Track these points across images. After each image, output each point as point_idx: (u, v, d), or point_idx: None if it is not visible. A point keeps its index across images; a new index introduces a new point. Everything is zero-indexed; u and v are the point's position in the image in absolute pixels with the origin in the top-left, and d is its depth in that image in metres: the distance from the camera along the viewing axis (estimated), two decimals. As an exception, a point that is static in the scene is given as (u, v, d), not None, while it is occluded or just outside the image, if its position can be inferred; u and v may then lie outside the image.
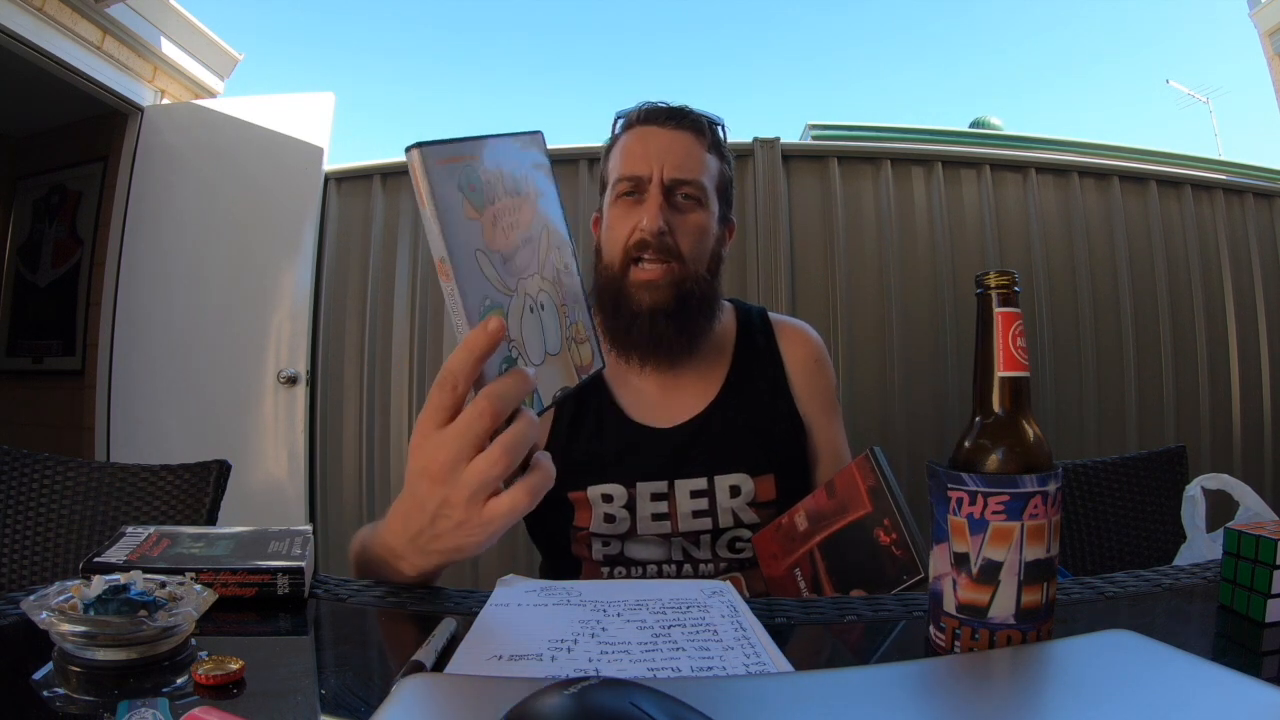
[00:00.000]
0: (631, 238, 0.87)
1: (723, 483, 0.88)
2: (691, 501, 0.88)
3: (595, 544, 0.89)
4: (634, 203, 0.88)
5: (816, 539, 0.77)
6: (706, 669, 0.45)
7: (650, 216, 0.86)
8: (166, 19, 2.75)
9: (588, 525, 0.88)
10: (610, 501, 0.88)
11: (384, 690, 0.39)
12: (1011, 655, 0.45)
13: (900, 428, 2.31)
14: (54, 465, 1.11)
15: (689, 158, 0.89)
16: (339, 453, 2.45)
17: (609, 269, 0.90)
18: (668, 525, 0.88)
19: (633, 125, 0.92)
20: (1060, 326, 2.45)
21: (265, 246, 2.50)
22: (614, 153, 0.93)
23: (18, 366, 3.00)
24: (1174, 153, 2.71)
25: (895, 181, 2.46)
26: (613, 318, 0.89)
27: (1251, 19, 3.25)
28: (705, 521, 0.88)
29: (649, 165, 0.87)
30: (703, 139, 0.91)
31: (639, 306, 0.87)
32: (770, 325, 1.00)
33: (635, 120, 0.92)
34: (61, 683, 0.45)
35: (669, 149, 0.88)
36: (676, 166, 0.88)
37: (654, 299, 0.87)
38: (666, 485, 0.88)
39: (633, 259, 0.88)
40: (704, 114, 0.93)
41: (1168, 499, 1.24)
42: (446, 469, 0.48)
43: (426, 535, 0.54)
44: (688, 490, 0.88)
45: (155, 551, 0.65)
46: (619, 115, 0.95)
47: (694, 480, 0.88)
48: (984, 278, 0.49)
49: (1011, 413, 0.48)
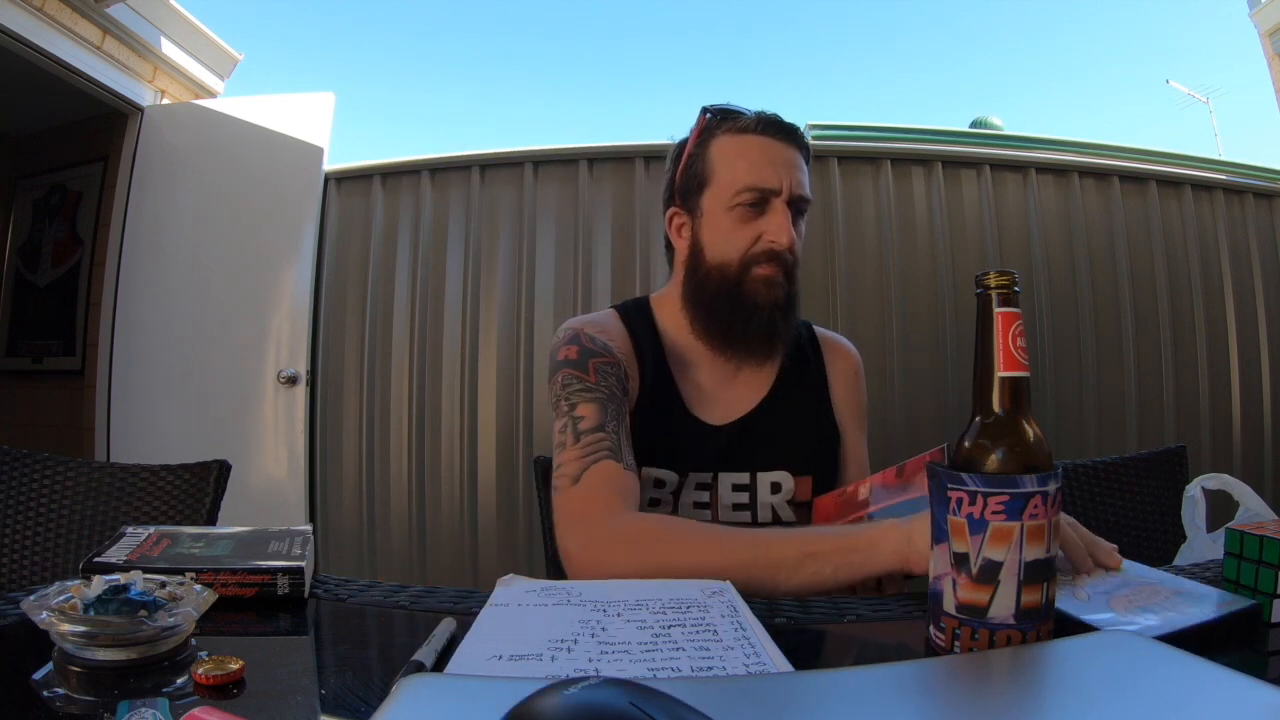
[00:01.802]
0: (757, 246, 0.89)
1: (764, 479, 0.92)
2: (733, 495, 0.91)
3: None
4: (756, 213, 0.90)
5: (872, 508, 0.79)
6: (706, 669, 0.45)
7: (786, 231, 0.88)
8: (166, 19, 2.75)
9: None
10: (661, 486, 0.90)
11: (384, 690, 0.39)
12: (1011, 655, 0.45)
13: (900, 428, 2.31)
14: (54, 465, 1.11)
15: (805, 176, 0.92)
16: (339, 453, 2.45)
17: (723, 270, 0.91)
18: (708, 514, 0.91)
19: (748, 131, 0.91)
20: (1060, 326, 2.45)
21: (265, 246, 2.50)
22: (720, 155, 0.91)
23: (18, 366, 3.00)
24: (1174, 153, 2.70)
25: (895, 181, 2.46)
26: (725, 312, 0.91)
27: (1251, 19, 3.24)
28: (744, 515, 0.91)
29: (779, 179, 0.89)
30: (809, 159, 0.94)
31: (763, 301, 0.90)
32: (816, 337, 1.05)
33: (754, 128, 0.91)
34: (61, 683, 0.45)
35: (792, 165, 0.90)
36: (801, 184, 0.91)
37: (774, 295, 0.90)
38: (711, 477, 0.91)
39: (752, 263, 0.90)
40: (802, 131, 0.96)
41: (1168, 499, 1.24)
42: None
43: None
44: (730, 483, 0.91)
45: (155, 551, 0.65)
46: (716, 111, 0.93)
47: (737, 475, 0.92)
48: (984, 278, 0.49)
49: (1011, 413, 0.48)
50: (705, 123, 0.94)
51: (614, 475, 0.79)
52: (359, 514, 2.43)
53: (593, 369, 0.87)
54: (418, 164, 2.52)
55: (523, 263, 2.41)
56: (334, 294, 2.50)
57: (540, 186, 2.46)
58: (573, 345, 0.90)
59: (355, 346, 2.47)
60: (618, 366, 0.89)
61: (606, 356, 0.89)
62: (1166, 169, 2.69)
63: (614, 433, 0.82)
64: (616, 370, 0.88)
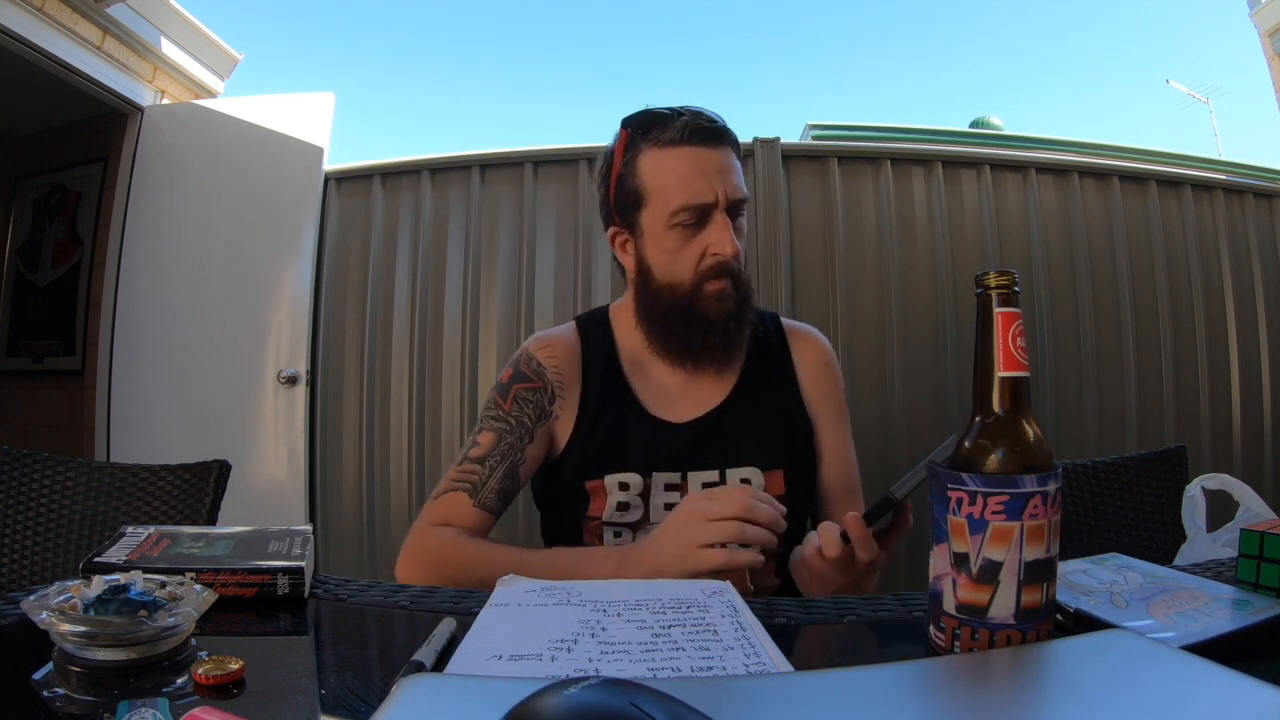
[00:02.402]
0: (704, 262, 0.88)
1: (734, 476, 0.91)
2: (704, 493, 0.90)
3: (607, 534, 0.91)
4: (697, 229, 0.88)
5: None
6: (706, 669, 0.45)
7: (729, 242, 0.87)
8: (166, 19, 2.75)
9: (601, 514, 0.91)
10: (626, 490, 0.90)
11: (384, 690, 0.39)
12: (1011, 655, 0.45)
13: (900, 428, 2.31)
14: (54, 465, 1.11)
15: (738, 175, 0.90)
16: (339, 453, 2.45)
17: (674, 289, 0.90)
18: None
19: (675, 144, 0.87)
20: (1060, 326, 2.45)
21: (265, 246, 2.50)
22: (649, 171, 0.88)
23: (18, 366, 3.00)
24: (1174, 153, 2.71)
25: (895, 181, 2.46)
26: (681, 330, 0.91)
27: (1251, 19, 3.25)
28: None
29: (713, 190, 0.87)
30: (739, 152, 0.92)
31: (716, 316, 0.90)
32: (783, 329, 1.03)
33: (679, 139, 0.87)
34: (61, 683, 0.45)
35: (724, 170, 0.88)
36: (736, 187, 0.88)
37: (725, 308, 0.90)
38: (680, 476, 0.91)
39: (705, 278, 0.89)
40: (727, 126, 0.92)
41: (1168, 499, 1.23)
42: (699, 519, 0.72)
43: (648, 552, 0.74)
44: (700, 482, 0.91)
45: (155, 551, 0.65)
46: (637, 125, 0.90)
47: (707, 473, 0.91)
48: (984, 278, 0.49)
49: (1011, 413, 0.48)
50: (628, 138, 0.91)
51: (458, 507, 0.88)
52: (359, 514, 2.42)
53: (512, 396, 0.93)
54: (418, 164, 2.52)
55: (523, 263, 2.41)
56: (334, 294, 2.50)
57: (540, 186, 2.46)
58: (511, 367, 0.96)
59: (355, 346, 2.47)
60: (541, 392, 0.94)
61: (534, 381, 0.94)
62: (1166, 169, 2.69)
63: (490, 468, 0.90)
64: (538, 396, 0.93)
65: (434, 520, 0.88)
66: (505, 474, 0.90)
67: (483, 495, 0.89)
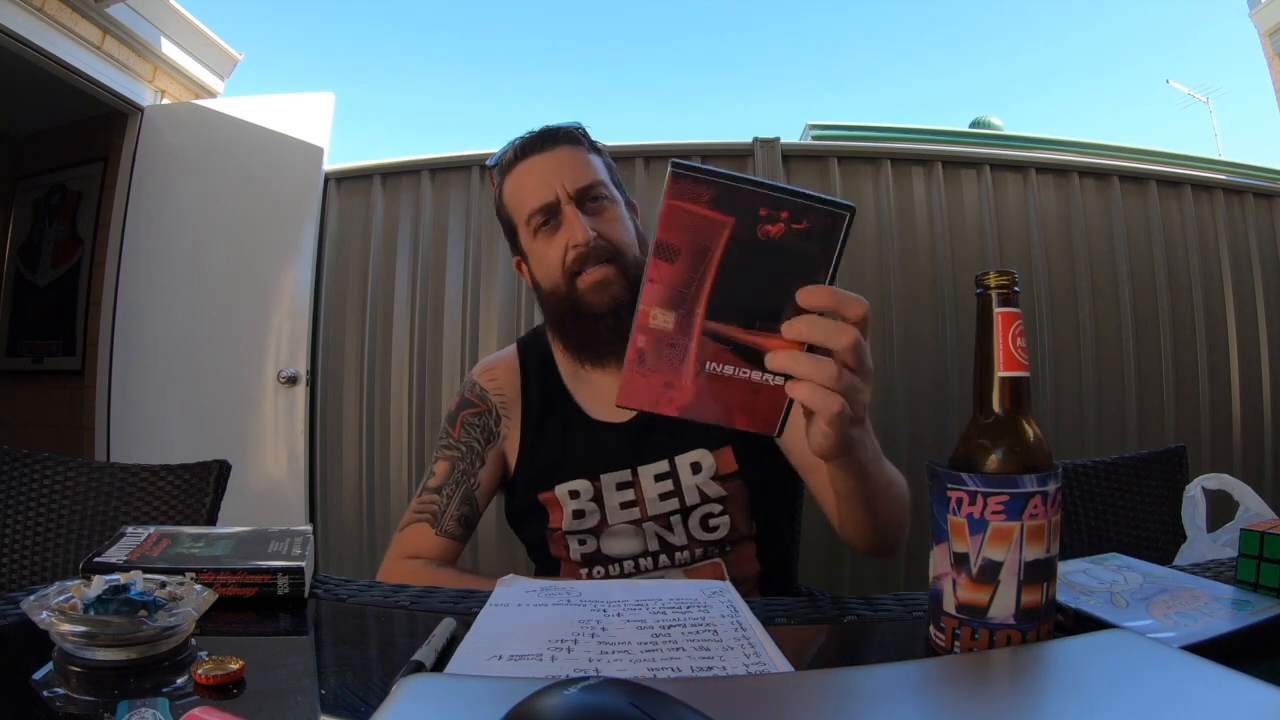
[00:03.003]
0: (567, 257, 0.90)
1: (683, 461, 0.91)
2: (657, 485, 0.91)
3: (571, 543, 0.92)
4: (552, 230, 0.90)
5: (699, 311, 0.52)
6: (706, 669, 0.45)
7: (577, 229, 0.88)
8: (166, 19, 2.75)
9: (560, 525, 0.92)
10: (578, 497, 0.91)
11: (384, 690, 0.39)
12: (1011, 655, 0.45)
13: (900, 428, 2.31)
14: (54, 465, 1.11)
15: (579, 166, 0.92)
16: (339, 453, 2.45)
17: (555, 293, 0.92)
18: (637, 512, 0.91)
19: (514, 164, 0.93)
20: (1060, 326, 2.45)
21: (265, 246, 2.50)
22: (508, 198, 0.95)
23: (18, 366, 3.00)
24: (1174, 153, 2.71)
25: (895, 181, 2.46)
26: (575, 330, 0.92)
27: (1251, 19, 3.25)
28: (673, 502, 0.91)
29: (550, 189, 0.89)
30: (579, 146, 0.94)
31: (599, 308, 0.90)
32: None
33: (513, 160, 0.93)
34: (61, 683, 0.45)
35: (559, 167, 0.91)
36: (574, 178, 0.90)
37: (610, 296, 0.89)
38: (630, 474, 0.91)
39: (574, 274, 0.90)
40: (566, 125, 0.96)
41: (1168, 499, 1.23)
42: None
43: None
44: (651, 475, 0.91)
45: (155, 551, 0.65)
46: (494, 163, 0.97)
47: (656, 465, 0.92)
48: (984, 278, 0.49)
49: (1011, 413, 0.48)
50: (493, 177, 0.98)
51: (422, 538, 0.92)
52: (359, 514, 2.42)
53: (460, 424, 0.98)
54: (418, 164, 2.52)
55: (523, 263, 2.41)
56: (334, 294, 2.50)
57: (540, 186, 2.46)
58: (459, 396, 1.01)
59: (355, 346, 2.47)
60: (486, 415, 0.98)
61: (479, 406, 0.99)
62: (1166, 169, 2.69)
63: (447, 496, 0.93)
64: (483, 420, 0.98)
65: (402, 553, 0.92)
66: (462, 500, 0.93)
67: (444, 523, 0.92)
